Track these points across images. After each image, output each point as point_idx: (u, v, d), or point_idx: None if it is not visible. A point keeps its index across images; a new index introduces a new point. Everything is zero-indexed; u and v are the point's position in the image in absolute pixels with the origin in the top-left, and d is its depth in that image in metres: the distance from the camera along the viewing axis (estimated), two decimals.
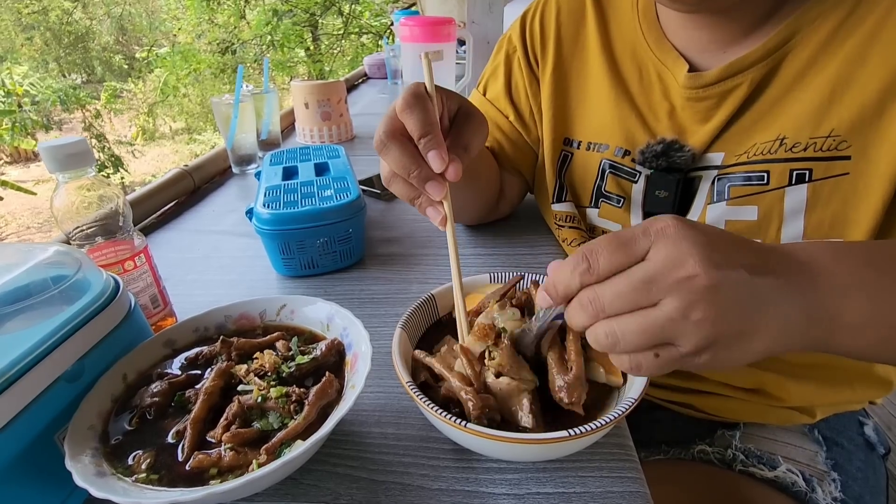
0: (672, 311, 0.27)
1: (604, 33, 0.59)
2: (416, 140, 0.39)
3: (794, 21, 0.46)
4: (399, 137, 0.40)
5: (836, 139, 0.44)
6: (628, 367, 0.30)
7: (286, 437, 0.34)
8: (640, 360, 0.30)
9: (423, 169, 0.39)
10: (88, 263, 0.40)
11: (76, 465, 0.30)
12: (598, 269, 0.29)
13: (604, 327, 0.29)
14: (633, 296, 0.28)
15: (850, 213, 0.44)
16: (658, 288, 0.28)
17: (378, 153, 0.41)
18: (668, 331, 0.28)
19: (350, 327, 0.42)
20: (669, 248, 0.28)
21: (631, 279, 0.28)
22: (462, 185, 0.60)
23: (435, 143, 0.39)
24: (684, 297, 0.27)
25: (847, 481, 0.54)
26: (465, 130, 0.43)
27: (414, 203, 0.43)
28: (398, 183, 0.43)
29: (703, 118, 0.51)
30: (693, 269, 0.27)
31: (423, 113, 0.39)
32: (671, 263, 0.28)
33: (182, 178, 0.90)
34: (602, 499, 0.35)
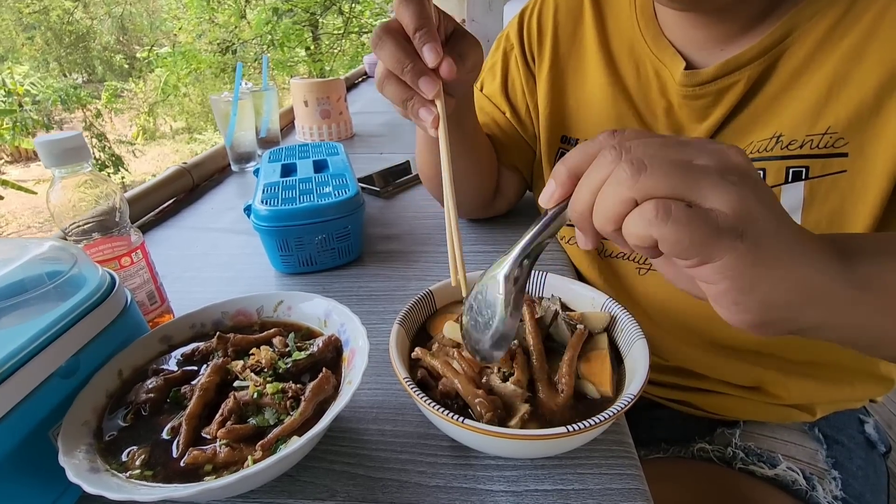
0: (709, 165, 0.24)
1: (601, 31, 0.59)
2: (411, 34, 0.39)
3: (790, 18, 0.45)
4: (394, 33, 0.40)
5: (832, 136, 0.44)
6: (652, 214, 0.24)
7: (282, 433, 0.33)
8: (668, 204, 0.24)
9: (416, 63, 0.39)
10: (84, 259, 0.40)
11: (70, 461, 0.30)
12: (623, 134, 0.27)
13: (626, 162, 0.25)
14: (664, 147, 0.25)
15: (848, 211, 0.44)
16: (694, 148, 0.25)
17: (373, 50, 0.41)
18: (704, 179, 0.24)
19: (347, 323, 0.41)
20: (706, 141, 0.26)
21: (664, 137, 0.26)
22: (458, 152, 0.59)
23: (429, 37, 0.39)
24: (722, 160, 0.25)
25: (847, 479, 0.53)
26: (460, 43, 0.43)
27: (406, 106, 0.42)
28: (391, 83, 0.42)
29: (700, 116, 0.51)
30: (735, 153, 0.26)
31: (418, 6, 0.39)
32: (706, 141, 0.26)
33: (181, 175, 0.89)
34: (601, 496, 0.34)
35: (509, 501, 0.34)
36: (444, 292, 0.46)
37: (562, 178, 0.29)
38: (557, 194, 0.29)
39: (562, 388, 0.36)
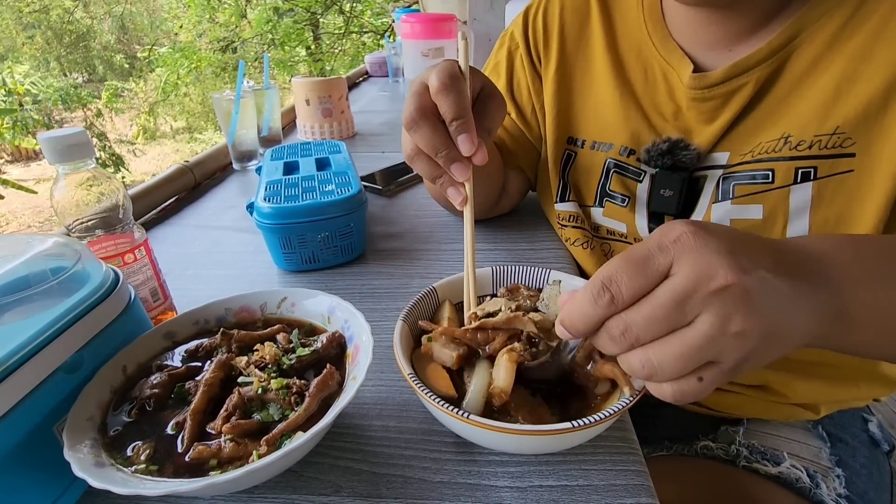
0: (710, 329, 0.26)
1: (608, 32, 0.59)
2: (449, 122, 0.39)
3: (799, 19, 0.45)
4: (430, 117, 0.40)
5: (840, 136, 0.44)
6: (671, 396, 0.28)
7: (287, 428, 0.33)
8: (683, 388, 0.27)
9: (451, 150, 0.40)
10: (88, 255, 0.40)
11: (75, 456, 0.30)
12: (622, 298, 0.27)
13: (639, 357, 0.27)
14: (666, 320, 0.26)
15: (855, 211, 0.44)
16: (692, 305, 0.26)
17: (406, 130, 0.41)
18: (708, 350, 0.26)
19: (351, 319, 0.41)
20: (694, 260, 0.26)
21: (661, 301, 0.26)
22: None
23: (467, 127, 0.39)
24: (720, 311, 0.26)
25: (851, 477, 0.53)
26: (488, 112, 0.43)
27: (435, 182, 0.43)
28: (422, 161, 0.43)
29: (708, 118, 0.51)
30: (725, 279, 0.26)
31: (458, 95, 0.39)
32: (700, 277, 0.26)
33: (183, 173, 0.89)
34: (605, 492, 0.34)
35: (514, 497, 0.34)
36: (447, 289, 0.46)
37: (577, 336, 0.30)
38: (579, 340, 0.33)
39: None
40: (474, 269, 0.42)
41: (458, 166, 0.40)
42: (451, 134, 0.40)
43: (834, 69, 0.44)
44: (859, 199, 0.44)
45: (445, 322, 0.42)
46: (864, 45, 0.43)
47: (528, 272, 0.47)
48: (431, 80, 0.40)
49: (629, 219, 0.57)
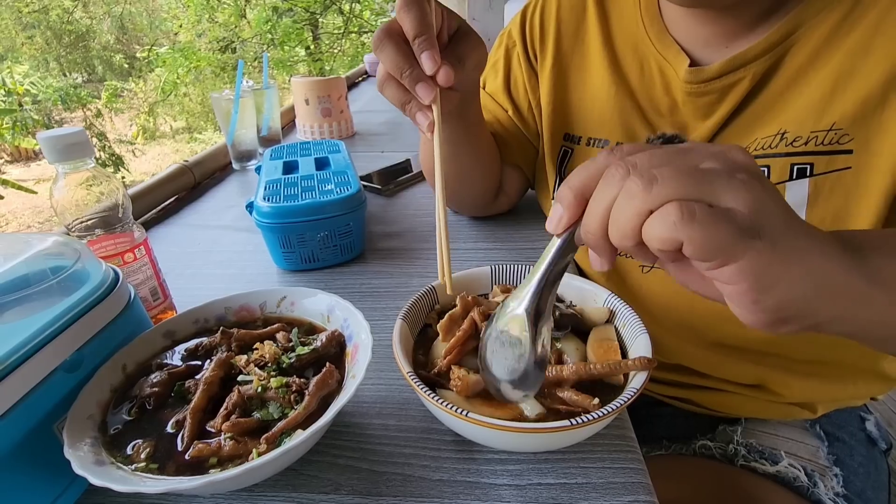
0: (716, 166, 0.24)
1: (605, 28, 0.59)
2: (411, 40, 0.39)
3: (797, 14, 0.45)
4: (395, 37, 0.40)
5: (837, 132, 0.44)
6: (676, 216, 0.23)
7: (286, 426, 0.33)
8: (692, 206, 0.24)
9: (415, 69, 0.40)
10: (88, 254, 0.40)
11: (75, 454, 0.30)
12: (623, 149, 0.27)
13: (635, 176, 0.25)
14: (668, 156, 0.25)
15: (853, 208, 0.44)
16: (696, 153, 0.25)
17: (374, 51, 0.42)
18: (715, 181, 0.24)
19: (350, 318, 0.41)
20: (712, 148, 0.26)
21: (665, 149, 0.26)
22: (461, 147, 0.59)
23: (428, 44, 0.39)
24: (727, 161, 0.25)
25: (849, 476, 0.54)
26: (461, 45, 0.44)
27: (405, 109, 0.43)
28: (391, 85, 0.43)
29: (704, 114, 0.51)
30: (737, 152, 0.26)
31: (419, 13, 0.39)
32: (705, 144, 0.26)
33: (182, 173, 0.90)
34: (604, 489, 0.34)
35: (513, 495, 0.34)
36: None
37: (568, 201, 0.28)
38: (566, 218, 0.29)
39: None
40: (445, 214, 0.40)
41: (423, 86, 0.40)
42: (414, 52, 0.40)
43: (832, 64, 0.44)
44: (857, 196, 0.44)
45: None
46: (863, 40, 0.42)
47: (526, 270, 0.48)
48: (397, 2, 0.40)
49: None
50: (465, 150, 0.61)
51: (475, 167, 0.64)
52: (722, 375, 0.57)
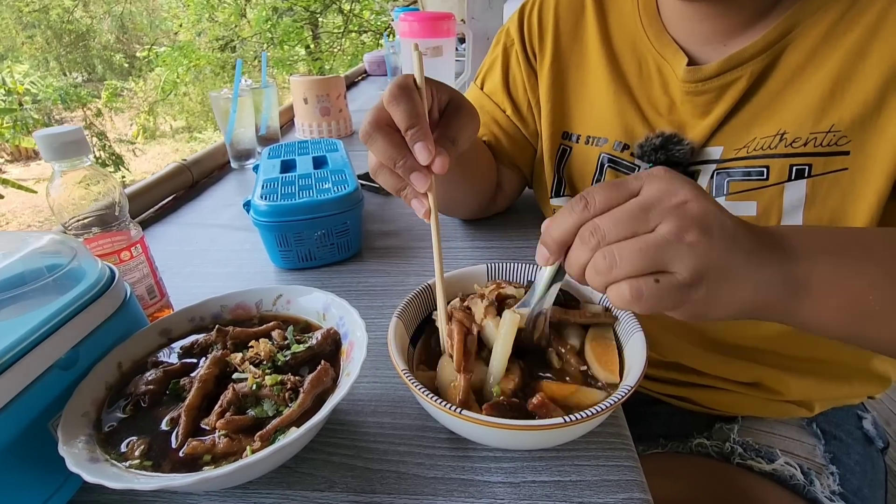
0: (668, 233, 0.29)
1: (603, 26, 0.59)
2: (403, 131, 0.38)
3: (794, 13, 0.45)
4: (385, 128, 0.39)
5: (835, 134, 0.44)
6: (629, 295, 0.30)
7: (281, 424, 0.33)
8: (640, 286, 0.30)
9: (408, 159, 0.39)
10: (84, 252, 0.40)
11: (69, 451, 0.30)
12: (594, 206, 0.31)
13: (602, 252, 0.30)
14: (630, 222, 0.30)
15: (849, 209, 0.44)
16: (655, 213, 0.29)
17: (364, 143, 0.41)
18: (665, 252, 0.29)
19: (346, 316, 0.41)
20: (662, 182, 0.30)
21: (629, 207, 0.30)
22: (456, 179, 0.60)
23: (421, 135, 0.38)
24: (679, 219, 0.29)
25: (845, 474, 0.54)
26: (454, 122, 0.43)
27: (400, 194, 0.42)
28: (384, 173, 0.42)
29: (702, 112, 0.51)
30: (685, 196, 0.30)
31: (409, 104, 0.38)
32: (665, 192, 0.30)
33: (180, 172, 0.90)
34: (598, 487, 0.34)
35: (507, 492, 0.34)
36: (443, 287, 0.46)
37: (551, 250, 0.34)
38: (552, 260, 0.35)
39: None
40: (443, 278, 0.41)
41: (417, 176, 0.39)
42: (407, 143, 0.39)
43: (830, 65, 0.44)
44: (853, 197, 0.44)
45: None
46: (861, 41, 0.43)
47: (521, 268, 0.48)
48: (384, 93, 0.40)
49: None
50: (461, 185, 0.61)
51: (470, 194, 0.65)
52: (719, 374, 0.57)
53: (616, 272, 0.30)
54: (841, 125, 0.44)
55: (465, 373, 0.36)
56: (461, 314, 0.41)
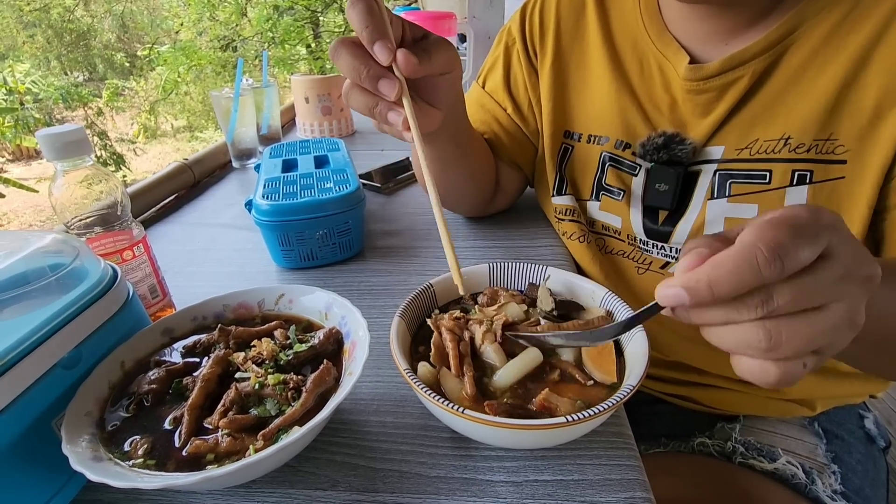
0: (841, 316, 0.25)
1: (604, 25, 0.59)
2: (359, 34, 0.37)
3: (796, 13, 0.45)
4: (349, 43, 0.39)
5: (834, 143, 0.44)
6: (777, 376, 0.26)
7: (283, 423, 0.33)
8: (791, 371, 0.25)
9: (371, 67, 0.38)
10: (86, 252, 0.40)
11: (73, 450, 0.30)
12: (791, 270, 0.24)
13: (768, 327, 0.25)
14: (813, 297, 0.25)
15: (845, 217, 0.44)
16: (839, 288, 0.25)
17: (332, 60, 0.40)
18: (830, 337, 0.25)
19: (348, 315, 0.41)
20: (850, 246, 0.25)
21: (821, 278, 0.25)
22: (455, 166, 0.59)
23: (377, 34, 0.37)
24: (856, 300, 0.26)
25: (847, 474, 0.54)
26: (426, 43, 0.42)
27: (374, 113, 0.41)
28: (355, 92, 0.41)
29: (703, 111, 0.51)
30: (873, 269, 0.26)
31: (365, 6, 0.37)
32: (855, 262, 0.25)
33: (182, 171, 0.90)
34: (600, 486, 0.34)
35: (509, 492, 0.34)
36: (444, 286, 0.46)
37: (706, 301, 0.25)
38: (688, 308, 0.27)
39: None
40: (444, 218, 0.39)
41: (385, 82, 0.38)
42: (366, 47, 0.38)
43: (834, 69, 0.44)
44: (849, 205, 0.45)
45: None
46: (864, 47, 0.43)
47: (524, 268, 0.48)
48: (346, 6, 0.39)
49: (624, 213, 0.57)
50: (457, 168, 0.60)
51: (468, 180, 0.64)
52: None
53: (774, 355, 0.25)
54: (839, 134, 0.44)
55: (466, 375, 0.36)
56: (451, 322, 0.41)
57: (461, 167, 0.61)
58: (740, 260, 0.24)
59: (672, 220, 0.54)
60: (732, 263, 0.24)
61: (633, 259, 0.59)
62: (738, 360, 0.27)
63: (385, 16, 0.38)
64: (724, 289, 0.24)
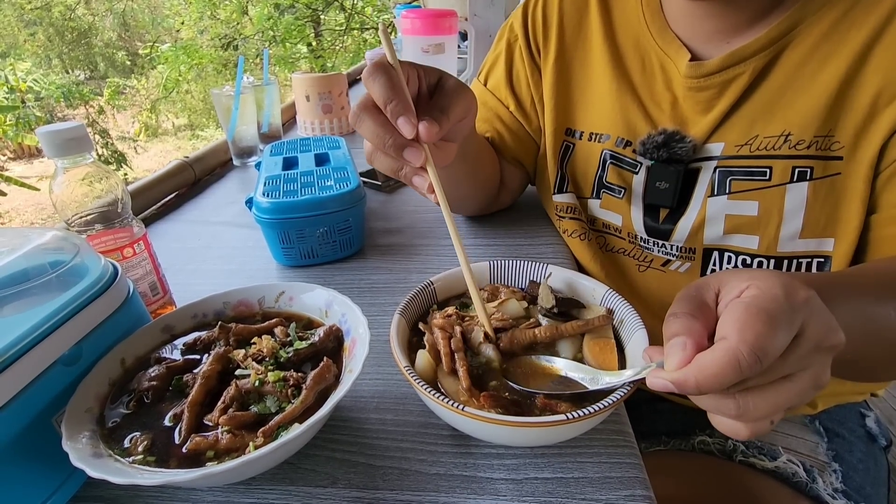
0: (806, 384, 0.27)
1: (607, 23, 0.59)
2: (383, 108, 0.38)
3: (796, 11, 0.46)
4: (370, 109, 0.39)
5: (832, 139, 0.45)
6: (745, 435, 0.28)
7: (283, 420, 0.33)
8: (758, 429, 0.28)
9: (396, 137, 0.38)
10: (87, 248, 0.40)
11: (73, 447, 0.30)
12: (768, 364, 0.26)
13: (739, 400, 0.27)
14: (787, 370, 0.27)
15: (843, 213, 0.46)
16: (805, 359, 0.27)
17: (354, 128, 0.40)
18: (796, 400, 0.27)
19: (348, 313, 0.41)
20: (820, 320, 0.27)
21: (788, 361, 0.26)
22: (459, 177, 0.59)
23: (401, 109, 0.37)
24: (821, 367, 0.27)
25: (848, 472, 0.54)
26: (443, 95, 0.42)
27: (399, 175, 0.41)
28: (379, 156, 0.41)
29: (704, 108, 0.51)
30: (838, 338, 0.27)
31: (386, 79, 0.37)
32: (823, 335, 0.27)
33: (183, 169, 0.90)
34: (600, 484, 0.34)
35: (509, 489, 0.34)
36: (445, 283, 0.46)
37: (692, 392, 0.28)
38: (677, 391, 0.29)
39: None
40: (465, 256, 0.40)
41: (410, 151, 0.38)
42: (390, 120, 0.38)
43: (835, 66, 0.44)
44: (845, 200, 0.45)
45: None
46: (863, 45, 0.43)
47: (525, 266, 0.48)
48: (363, 75, 0.39)
49: (625, 210, 0.57)
50: (465, 180, 0.60)
51: (474, 188, 0.64)
52: None
53: (743, 419, 0.28)
54: (837, 131, 0.45)
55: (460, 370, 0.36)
56: (441, 321, 0.41)
57: (469, 178, 0.61)
58: (725, 364, 0.25)
59: (673, 218, 0.53)
60: (718, 367, 0.26)
61: (634, 257, 0.59)
62: (714, 417, 0.29)
63: (403, 82, 0.38)
64: (708, 388, 0.26)
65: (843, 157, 0.45)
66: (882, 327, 0.36)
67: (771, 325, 0.25)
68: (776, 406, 0.27)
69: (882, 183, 0.44)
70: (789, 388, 0.27)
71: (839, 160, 0.45)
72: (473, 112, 0.45)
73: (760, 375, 0.26)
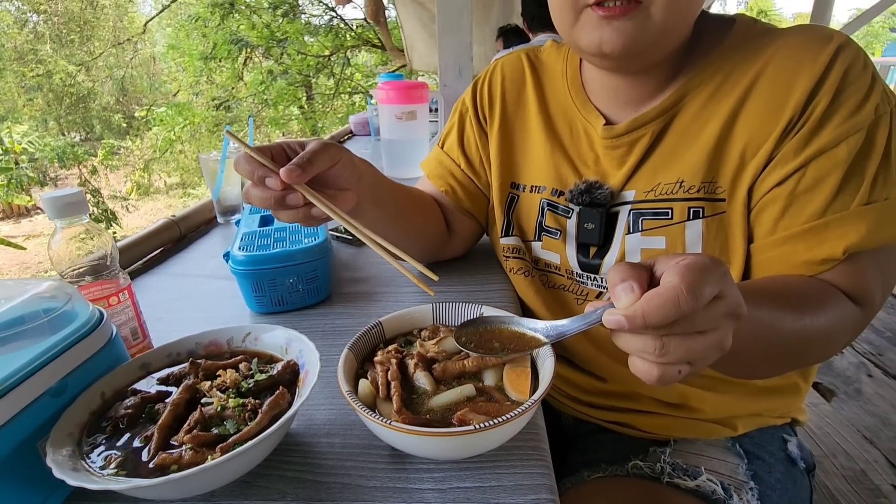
0: (716, 341, 0.33)
1: (540, 96, 0.70)
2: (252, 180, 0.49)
3: (683, 85, 0.57)
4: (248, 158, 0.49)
5: (715, 184, 0.54)
6: (657, 376, 0.34)
7: (240, 438, 0.39)
8: (667, 373, 0.33)
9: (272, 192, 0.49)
10: (77, 297, 0.47)
11: (56, 462, 0.36)
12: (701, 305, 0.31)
13: (659, 341, 0.32)
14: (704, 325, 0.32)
15: (732, 245, 0.55)
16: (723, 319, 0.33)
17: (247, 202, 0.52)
18: (704, 354, 0.33)
19: (304, 349, 0.48)
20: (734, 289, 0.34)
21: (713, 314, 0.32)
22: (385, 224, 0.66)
23: (262, 173, 0.48)
24: (728, 330, 0.34)
25: (765, 491, 0.59)
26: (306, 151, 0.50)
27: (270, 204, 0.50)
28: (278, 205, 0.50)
29: (619, 163, 0.61)
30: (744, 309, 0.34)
31: (246, 164, 0.49)
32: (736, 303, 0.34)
33: (169, 227, 0.97)
34: (512, 490, 0.40)
35: (435, 497, 0.40)
36: (392, 323, 0.53)
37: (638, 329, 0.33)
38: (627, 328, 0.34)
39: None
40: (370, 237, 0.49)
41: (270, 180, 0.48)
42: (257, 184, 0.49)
43: (711, 128, 0.55)
44: (732, 234, 0.55)
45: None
46: (732, 110, 0.54)
47: (462, 308, 0.55)
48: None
49: (562, 249, 0.66)
50: (394, 227, 0.68)
51: (410, 236, 0.71)
52: (650, 394, 0.63)
53: (661, 360, 0.33)
54: (717, 177, 0.55)
55: (394, 396, 0.43)
56: (382, 357, 0.48)
57: (394, 224, 0.68)
58: (667, 298, 0.31)
59: (600, 254, 0.62)
60: (662, 300, 0.31)
61: (573, 292, 0.67)
62: (633, 360, 0.35)
63: (262, 159, 0.49)
64: (653, 320, 0.32)
65: (726, 199, 0.55)
66: (764, 328, 0.43)
67: (704, 276, 0.31)
68: (688, 353, 0.32)
69: (753, 218, 0.54)
70: (700, 341, 0.33)
71: (723, 201, 0.55)
72: (343, 158, 0.53)
73: (684, 322, 0.31)
